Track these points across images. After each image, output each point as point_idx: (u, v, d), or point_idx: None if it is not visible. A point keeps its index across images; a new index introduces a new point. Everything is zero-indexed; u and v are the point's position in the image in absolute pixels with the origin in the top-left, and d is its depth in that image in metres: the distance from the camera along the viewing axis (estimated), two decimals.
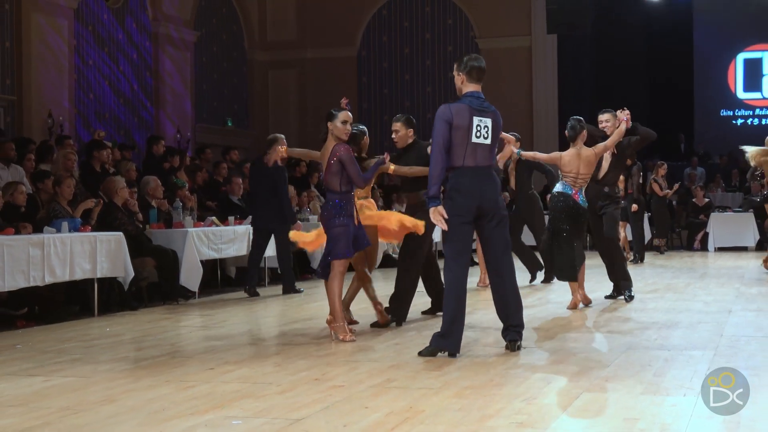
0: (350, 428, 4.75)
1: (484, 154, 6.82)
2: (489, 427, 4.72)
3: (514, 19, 22.52)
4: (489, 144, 6.82)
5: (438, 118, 6.73)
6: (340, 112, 7.86)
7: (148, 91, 19.47)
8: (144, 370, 6.62)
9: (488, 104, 6.92)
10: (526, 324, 8.73)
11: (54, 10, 16.60)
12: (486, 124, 6.79)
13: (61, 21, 16.80)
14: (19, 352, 7.55)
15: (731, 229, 19.99)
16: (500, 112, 7.03)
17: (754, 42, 25.63)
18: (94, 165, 12.47)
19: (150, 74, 19.51)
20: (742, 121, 25.94)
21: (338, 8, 23.32)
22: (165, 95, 19.81)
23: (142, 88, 19.28)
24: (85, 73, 17.58)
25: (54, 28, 16.62)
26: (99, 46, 18.01)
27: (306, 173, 16.79)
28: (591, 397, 5.47)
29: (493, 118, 6.88)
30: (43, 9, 16.37)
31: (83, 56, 17.53)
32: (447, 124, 6.69)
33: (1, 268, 8.72)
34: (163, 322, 9.51)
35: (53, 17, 16.61)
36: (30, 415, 5.17)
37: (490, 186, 6.85)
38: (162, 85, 19.71)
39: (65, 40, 16.87)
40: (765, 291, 11.64)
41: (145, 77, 19.38)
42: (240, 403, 5.40)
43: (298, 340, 7.99)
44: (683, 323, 8.65)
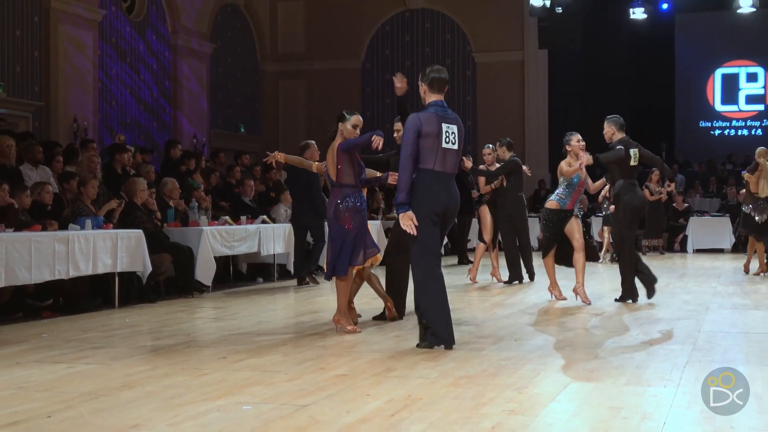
0: (353, 414, 4.74)
1: (452, 160, 6.73)
2: (482, 414, 4.71)
3: (508, 34, 22.53)
4: (456, 149, 6.75)
5: (407, 129, 6.63)
6: (352, 115, 7.77)
7: (166, 98, 19.49)
8: (161, 358, 6.62)
9: (451, 111, 6.86)
10: (516, 320, 8.75)
11: (80, 22, 16.62)
12: (453, 130, 6.71)
13: (86, 33, 16.82)
14: (44, 341, 7.55)
15: (709, 232, 20.02)
16: (494, 121, 7.08)
17: (731, 58, 25.64)
18: (115, 167, 12.46)
19: (169, 83, 19.53)
20: (720, 131, 25.94)
21: (344, 23, 23.36)
22: (182, 102, 19.83)
23: (161, 96, 19.30)
24: (107, 82, 17.59)
25: (79, 39, 16.64)
26: (121, 57, 18.02)
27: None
28: (577, 387, 5.46)
29: (458, 124, 6.82)
30: (70, 21, 16.39)
31: (106, 66, 17.55)
32: (416, 133, 6.59)
33: (29, 262, 8.72)
34: (178, 314, 9.51)
35: (79, 29, 16.63)
36: (54, 399, 5.17)
37: (455, 192, 6.80)
38: (180, 93, 19.73)
39: (90, 50, 16.90)
40: (740, 290, 11.63)
41: (164, 85, 19.40)
42: (250, 390, 5.39)
43: (305, 332, 7.98)
44: (664, 319, 8.65)
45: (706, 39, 25.54)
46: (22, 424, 4.61)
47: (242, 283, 13.03)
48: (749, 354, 6.70)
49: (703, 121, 26.01)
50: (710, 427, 4.51)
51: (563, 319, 8.75)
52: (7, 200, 9.32)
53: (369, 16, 23.46)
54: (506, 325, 8.25)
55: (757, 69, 25.52)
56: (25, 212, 9.55)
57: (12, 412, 4.86)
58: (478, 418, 4.64)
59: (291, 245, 13.22)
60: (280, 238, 13.06)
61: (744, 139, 24.78)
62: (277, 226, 13.16)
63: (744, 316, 8.91)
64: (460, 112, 22.29)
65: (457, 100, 22.73)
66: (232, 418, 4.69)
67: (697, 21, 25.37)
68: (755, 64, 25.51)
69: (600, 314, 9.07)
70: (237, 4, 22.11)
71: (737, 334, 7.70)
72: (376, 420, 4.62)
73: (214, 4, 21.08)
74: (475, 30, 22.71)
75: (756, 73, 25.59)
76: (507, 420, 4.61)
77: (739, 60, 25.63)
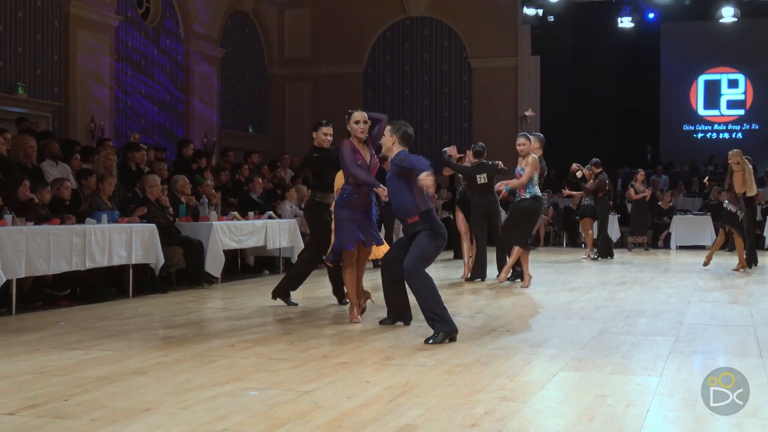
0: (353, 400, 4.74)
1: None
2: (476, 401, 4.71)
3: (502, 41, 22.50)
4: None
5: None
6: (354, 112, 7.65)
7: (179, 99, 19.47)
8: (172, 345, 6.62)
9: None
10: (509, 312, 8.76)
11: (97, 27, 16.62)
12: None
13: (103, 37, 16.81)
14: (62, 329, 7.55)
15: (691, 229, 20.01)
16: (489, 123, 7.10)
17: (713, 65, 25.65)
18: (130, 165, 12.46)
19: (181, 85, 19.51)
20: (702, 134, 25.95)
21: (348, 30, 23.36)
22: (194, 104, 19.82)
23: (173, 97, 19.28)
24: (123, 84, 17.58)
25: (97, 43, 16.63)
26: (136, 60, 18.01)
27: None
28: (566, 376, 5.46)
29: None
30: (88, 26, 16.39)
31: (122, 68, 17.53)
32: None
33: (48, 254, 8.73)
34: (189, 304, 9.51)
35: (97, 33, 16.62)
36: (71, 384, 5.17)
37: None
38: (192, 95, 19.72)
39: (107, 54, 16.89)
40: (720, 284, 11.63)
41: (177, 87, 19.39)
42: (256, 376, 5.39)
43: (309, 322, 7.98)
44: (648, 312, 8.65)
45: (689, 47, 25.54)
46: (41, 406, 4.61)
47: (250, 275, 13.03)
48: (728, 345, 6.71)
49: (687, 125, 26.00)
50: (691, 413, 4.51)
51: (553, 312, 8.75)
52: (27, 195, 9.33)
53: (371, 23, 23.44)
54: (498, 317, 8.26)
55: (738, 76, 25.52)
56: (44, 207, 9.56)
57: (31, 396, 4.87)
58: (471, 404, 4.64)
59: (296, 239, 13.24)
60: (285, 232, 13.06)
61: (725, 142, 24.76)
62: (282, 222, 13.16)
63: (723, 310, 8.92)
64: (456, 115, 22.56)
65: (453, 104, 22.73)
66: (239, 402, 4.69)
67: (681, 30, 25.36)
68: (736, 71, 25.51)
69: (587, 307, 9.07)
70: (246, 11, 22.09)
71: (717, 327, 7.71)
72: (375, 405, 4.62)
73: (225, 11, 21.07)
74: (471, 37, 22.69)
75: (737, 80, 25.59)
76: (499, 406, 4.61)
77: (721, 67, 25.62)
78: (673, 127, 25.83)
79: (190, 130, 19.48)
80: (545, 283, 11.65)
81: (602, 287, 11.08)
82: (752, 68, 25.27)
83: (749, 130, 25.46)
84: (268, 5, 23.07)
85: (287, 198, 14.61)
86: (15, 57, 15.04)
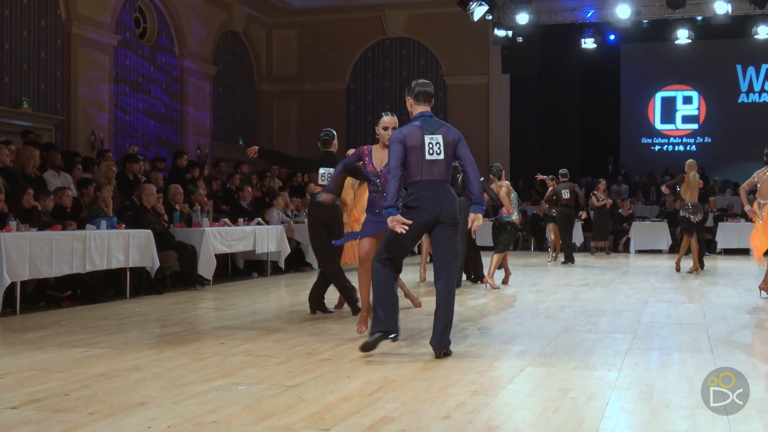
0: (335, 394, 4.74)
1: (440, 168, 5.97)
2: (449, 394, 4.72)
3: (474, 61, 22.57)
4: (443, 159, 5.97)
5: (392, 141, 5.96)
6: (385, 116, 6.89)
7: (174, 113, 19.40)
8: (166, 343, 6.59)
9: (437, 122, 6.09)
10: (480, 311, 8.78)
11: (97, 46, 16.56)
12: (438, 141, 5.96)
13: (103, 55, 16.75)
14: (63, 328, 7.51)
15: (649, 235, 20.13)
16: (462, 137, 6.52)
17: (669, 83, 25.80)
18: (128, 175, 12.41)
19: (176, 100, 19.44)
20: (659, 147, 26.08)
21: (331, 49, 23.37)
22: (188, 117, 19.76)
23: (169, 111, 19.21)
24: (122, 98, 17.50)
25: (97, 61, 16.56)
26: (134, 77, 17.93)
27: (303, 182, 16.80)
28: (532, 371, 5.48)
29: (444, 134, 6.02)
30: (89, 45, 16.33)
31: (121, 84, 17.46)
32: (402, 145, 5.90)
33: (50, 258, 8.68)
34: (183, 304, 9.47)
35: (97, 52, 16.56)
36: (71, 379, 5.14)
37: (448, 197, 5.96)
38: (186, 109, 19.66)
39: (106, 71, 16.82)
40: (675, 286, 11.70)
41: (172, 102, 19.32)
42: (245, 372, 5.38)
43: (294, 321, 7.97)
44: (609, 311, 8.69)
45: (647, 66, 25.69)
46: (43, 401, 4.58)
47: (239, 278, 13.00)
48: (682, 342, 6.74)
49: (645, 138, 26.13)
50: (647, 405, 4.53)
51: (521, 312, 8.78)
52: (31, 203, 9.28)
53: (353, 43, 23.46)
54: (470, 317, 8.27)
55: (692, 93, 25.69)
56: (47, 214, 9.51)
57: (34, 391, 4.83)
58: (445, 398, 4.65)
59: (283, 244, 13.22)
60: (273, 237, 13.04)
61: (680, 154, 24.91)
62: (270, 228, 13.14)
63: (678, 309, 8.97)
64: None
65: None
66: (229, 397, 4.68)
67: (639, 50, 25.52)
68: (690, 89, 25.68)
69: (553, 307, 9.10)
70: (237, 31, 22.06)
71: (672, 325, 7.75)
72: (355, 399, 4.62)
73: (217, 31, 21.04)
74: (446, 56, 22.75)
75: (691, 96, 25.75)
76: (470, 399, 4.62)
77: (677, 85, 25.78)
78: (632, 140, 25.96)
79: (184, 141, 19.42)
80: (514, 284, 11.68)
81: (566, 288, 11.13)
82: (705, 86, 25.46)
83: (702, 143, 25.63)
84: (258, 26, 23.05)
85: (275, 206, 14.59)
86: (20, 73, 14.95)
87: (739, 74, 25.18)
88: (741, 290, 11.05)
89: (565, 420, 4.22)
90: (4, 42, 14.62)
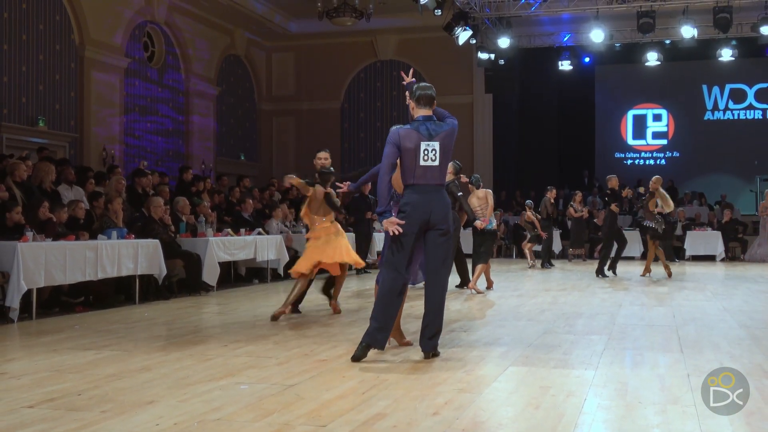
0: (331, 392, 4.73)
1: (434, 174, 5.71)
2: (437, 392, 4.71)
3: (459, 81, 22.63)
4: (438, 165, 5.71)
5: (388, 142, 5.72)
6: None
7: (180, 131, 19.39)
8: (173, 345, 6.57)
9: (438, 127, 5.83)
10: (465, 315, 8.77)
11: (109, 68, 16.57)
12: (434, 148, 5.70)
13: (114, 77, 16.75)
14: (76, 332, 7.47)
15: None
16: None
17: (640, 102, 25.90)
18: (137, 188, 12.39)
19: (182, 118, 19.44)
20: (631, 161, 26.15)
21: (326, 71, 23.44)
22: (193, 134, 19.75)
23: (175, 129, 19.20)
24: (131, 117, 17.49)
25: (108, 82, 16.56)
26: (142, 97, 17.93)
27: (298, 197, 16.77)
28: (515, 370, 5.47)
29: (442, 141, 5.76)
30: (101, 68, 16.34)
31: (130, 104, 17.45)
32: (395, 146, 5.67)
33: (64, 266, 8.65)
34: (188, 309, 9.44)
35: (108, 74, 16.56)
36: (84, 380, 5.12)
37: (439, 202, 5.73)
38: (191, 126, 19.66)
39: (117, 91, 16.83)
40: (647, 290, 11.72)
41: (179, 120, 19.32)
42: (247, 372, 5.36)
43: (293, 324, 7.96)
44: (585, 314, 8.69)
45: (620, 86, 25.80)
46: (58, 400, 4.56)
47: (241, 284, 12.96)
48: (654, 342, 6.75)
49: (618, 153, 26.20)
50: (622, 401, 4.53)
51: (503, 315, 8.78)
52: (47, 215, 9.24)
53: (347, 65, 23.51)
54: (456, 319, 8.27)
55: (662, 111, 25.79)
56: (62, 225, 9.47)
57: (49, 390, 4.81)
58: (433, 395, 4.64)
59: (282, 252, 13.20)
60: (273, 246, 13.02)
61: (651, 167, 24.98)
62: (270, 237, 13.12)
63: (650, 312, 8.98)
64: None
65: None
66: (232, 395, 4.66)
67: (612, 72, 25.62)
68: (660, 107, 25.79)
69: (534, 310, 9.10)
70: (239, 54, 22.09)
71: (644, 326, 7.76)
72: (350, 397, 4.61)
73: (220, 55, 21.08)
74: (433, 77, 22.73)
75: (660, 114, 25.85)
76: (457, 397, 4.62)
77: (647, 103, 25.89)
78: (606, 155, 26.03)
79: (189, 157, 19.39)
80: (497, 289, 11.69)
81: (546, 293, 11.14)
82: (673, 104, 25.57)
83: (671, 158, 25.73)
84: (258, 49, 23.09)
85: (274, 217, 14.57)
86: (36, 94, 14.93)
87: (705, 94, 25.31)
88: (708, 294, 11.08)
89: (546, 416, 4.22)
90: (21, 65, 14.60)
